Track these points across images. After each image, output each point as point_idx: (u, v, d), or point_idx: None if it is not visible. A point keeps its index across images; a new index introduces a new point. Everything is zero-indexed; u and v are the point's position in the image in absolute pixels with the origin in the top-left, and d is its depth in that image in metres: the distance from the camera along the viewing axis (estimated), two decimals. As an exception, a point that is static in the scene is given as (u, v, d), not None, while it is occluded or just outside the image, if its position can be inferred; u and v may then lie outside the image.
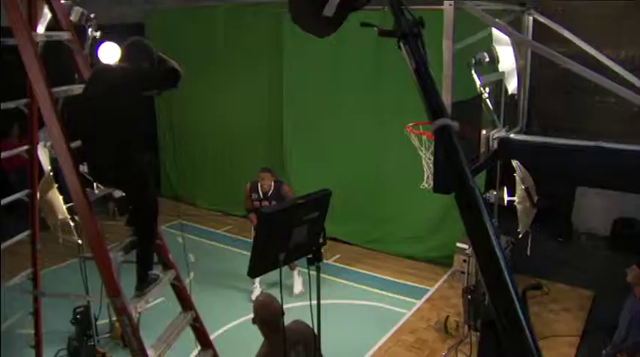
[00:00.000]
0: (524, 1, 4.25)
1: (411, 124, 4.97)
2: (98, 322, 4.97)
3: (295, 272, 5.87)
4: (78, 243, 4.47)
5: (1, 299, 3.71)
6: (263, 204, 5.74)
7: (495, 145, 3.36)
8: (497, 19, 3.45)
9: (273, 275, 2.74)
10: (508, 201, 4.76)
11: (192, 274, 5.29)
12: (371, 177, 7.16)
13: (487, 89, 3.63)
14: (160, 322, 3.47)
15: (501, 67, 4.02)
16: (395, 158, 6.77)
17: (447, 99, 2.93)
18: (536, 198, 4.58)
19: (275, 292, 3.03)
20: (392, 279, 6.52)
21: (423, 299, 6.03)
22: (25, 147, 3.87)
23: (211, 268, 6.64)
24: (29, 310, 4.15)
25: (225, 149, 8.73)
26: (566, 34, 3.71)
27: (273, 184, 5.84)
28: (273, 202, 5.66)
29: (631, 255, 4.83)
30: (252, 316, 3.07)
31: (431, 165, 4.61)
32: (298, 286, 5.86)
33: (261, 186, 5.84)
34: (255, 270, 2.60)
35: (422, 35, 1.14)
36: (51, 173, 4.12)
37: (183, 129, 9.09)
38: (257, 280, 5.80)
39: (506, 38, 3.89)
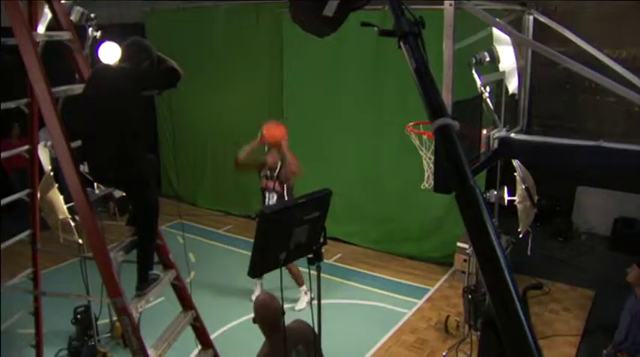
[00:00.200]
0: (524, 0, 4.24)
1: (411, 124, 4.97)
2: (99, 322, 4.98)
3: (302, 289, 5.77)
4: (78, 243, 4.47)
5: (1, 299, 3.70)
6: (267, 184, 5.69)
7: (496, 145, 3.35)
8: (497, 19, 3.45)
9: (274, 281, 2.74)
10: (508, 201, 4.76)
11: (192, 274, 5.30)
12: (371, 177, 7.15)
13: (488, 89, 3.61)
14: (161, 322, 3.47)
15: (502, 66, 4.00)
16: (395, 158, 6.77)
17: (447, 98, 2.92)
18: (536, 198, 4.58)
19: (276, 293, 3.03)
20: (392, 279, 6.51)
21: (424, 299, 6.03)
22: (25, 147, 3.87)
23: (211, 268, 6.65)
24: (29, 310, 4.15)
25: (226, 149, 8.73)
26: (567, 33, 3.70)
27: (279, 163, 5.68)
28: (277, 185, 5.63)
29: (631, 255, 4.83)
30: (252, 315, 3.07)
31: (431, 165, 4.60)
32: (302, 303, 5.75)
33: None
34: (256, 270, 2.59)
35: (422, 35, 1.14)
36: (51, 173, 4.12)
37: (183, 129, 9.08)
38: (258, 280, 5.78)
39: (506, 38, 3.88)
